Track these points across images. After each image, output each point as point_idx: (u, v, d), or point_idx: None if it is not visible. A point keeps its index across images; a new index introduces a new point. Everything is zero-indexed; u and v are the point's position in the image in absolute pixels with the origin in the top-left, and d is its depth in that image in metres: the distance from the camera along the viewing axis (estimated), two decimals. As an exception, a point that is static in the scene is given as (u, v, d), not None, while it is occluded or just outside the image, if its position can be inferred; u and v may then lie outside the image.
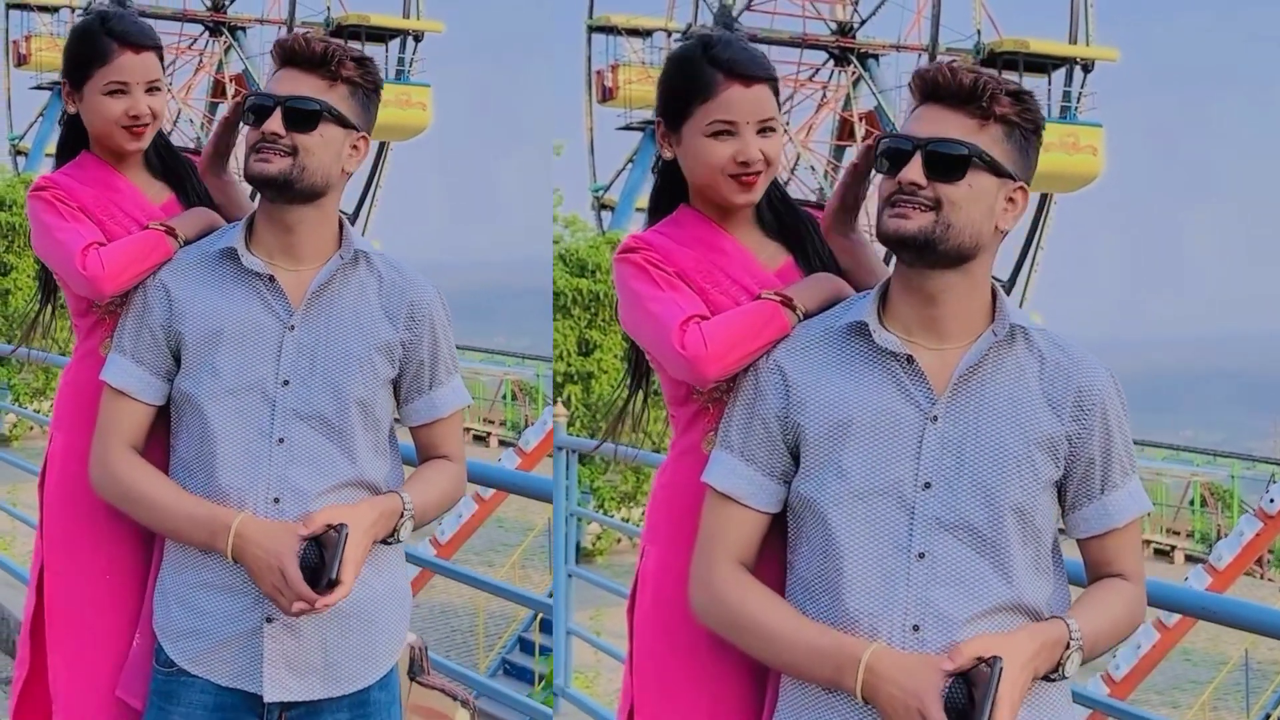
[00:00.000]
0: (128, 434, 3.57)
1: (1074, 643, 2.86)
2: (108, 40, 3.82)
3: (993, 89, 2.90)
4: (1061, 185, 35.11)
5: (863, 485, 2.93)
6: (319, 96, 3.46)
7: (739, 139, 3.24)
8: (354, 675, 3.55)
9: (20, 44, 41.82)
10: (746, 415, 3.08)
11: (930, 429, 2.92)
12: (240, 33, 39.33)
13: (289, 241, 3.54)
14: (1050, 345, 3.01)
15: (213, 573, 3.47)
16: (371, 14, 38.24)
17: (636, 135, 39.02)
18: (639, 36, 39.87)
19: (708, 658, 3.20)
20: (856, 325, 3.00)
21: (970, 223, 2.90)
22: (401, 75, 37.82)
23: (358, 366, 3.51)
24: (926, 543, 2.89)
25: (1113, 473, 3.01)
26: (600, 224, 38.53)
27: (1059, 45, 35.62)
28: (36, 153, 40.27)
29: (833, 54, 37.50)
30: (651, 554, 3.34)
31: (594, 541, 27.09)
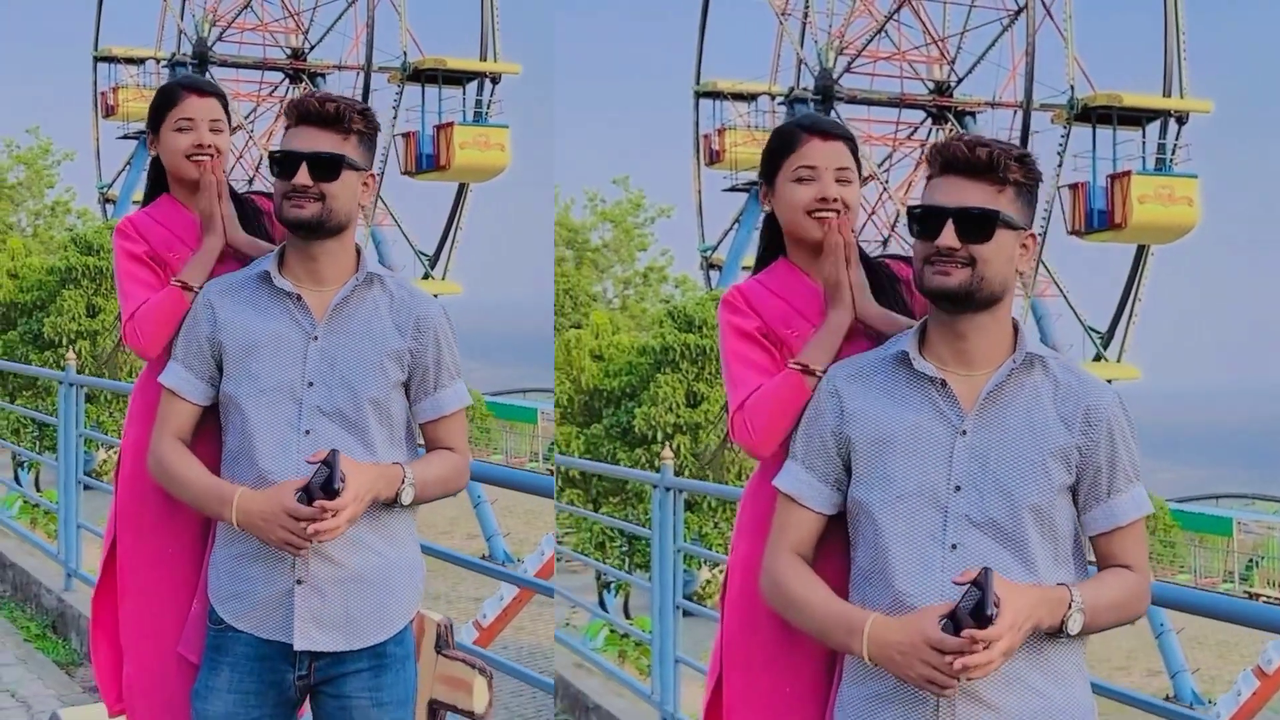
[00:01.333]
0: (175, 427, 4.09)
1: (1074, 604, 3.24)
2: (177, 88, 4.46)
3: (1005, 160, 3.31)
4: (1158, 237, 34.59)
5: (904, 489, 3.34)
6: (336, 150, 3.95)
7: (819, 182, 3.72)
8: (371, 631, 4.02)
9: (108, 95, 42.15)
10: (809, 431, 3.52)
11: (960, 441, 3.34)
12: (319, 79, 39.59)
13: (314, 268, 4.04)
14: (1063, 370, 3.40)
15: (252, 545, 3.96)
16: (448, 57, 38.36)
17: (742, 196, 38.76)
18: (744, 101, 39.78)
19: (787, 634, 3.59)
20: (900, 355, 3.44)
21: (999, 273, 3.33)
22: (480, 117, 37.94)
23: (371, 370, 4.00)
24: (958, 536, 3.30)
25: (1118, 479, 3.37)
26: (709, 282, 38.37)
27: (1153, 98, 35.09)
28: (124, 200, 40.35)
29: (930, 113, 37.14)
30: (739, 548, 3.76)
31: (703, 587, 27.05)
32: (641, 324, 35.20)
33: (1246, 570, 33.70)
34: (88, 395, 11.77)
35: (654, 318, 34.17)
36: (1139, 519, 3.43)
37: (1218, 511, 35.93)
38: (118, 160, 42.34)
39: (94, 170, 42.43)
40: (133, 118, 41.26)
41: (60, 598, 10.30)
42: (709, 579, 27.26)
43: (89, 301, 33.04)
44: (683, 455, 28.45)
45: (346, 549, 3.96)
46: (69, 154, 41.29)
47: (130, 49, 42.34)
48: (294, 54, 40.07)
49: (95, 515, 10.49)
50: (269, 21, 40.48)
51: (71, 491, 10.82)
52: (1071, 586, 3.30)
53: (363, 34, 38.71)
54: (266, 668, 4.03)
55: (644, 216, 38.50)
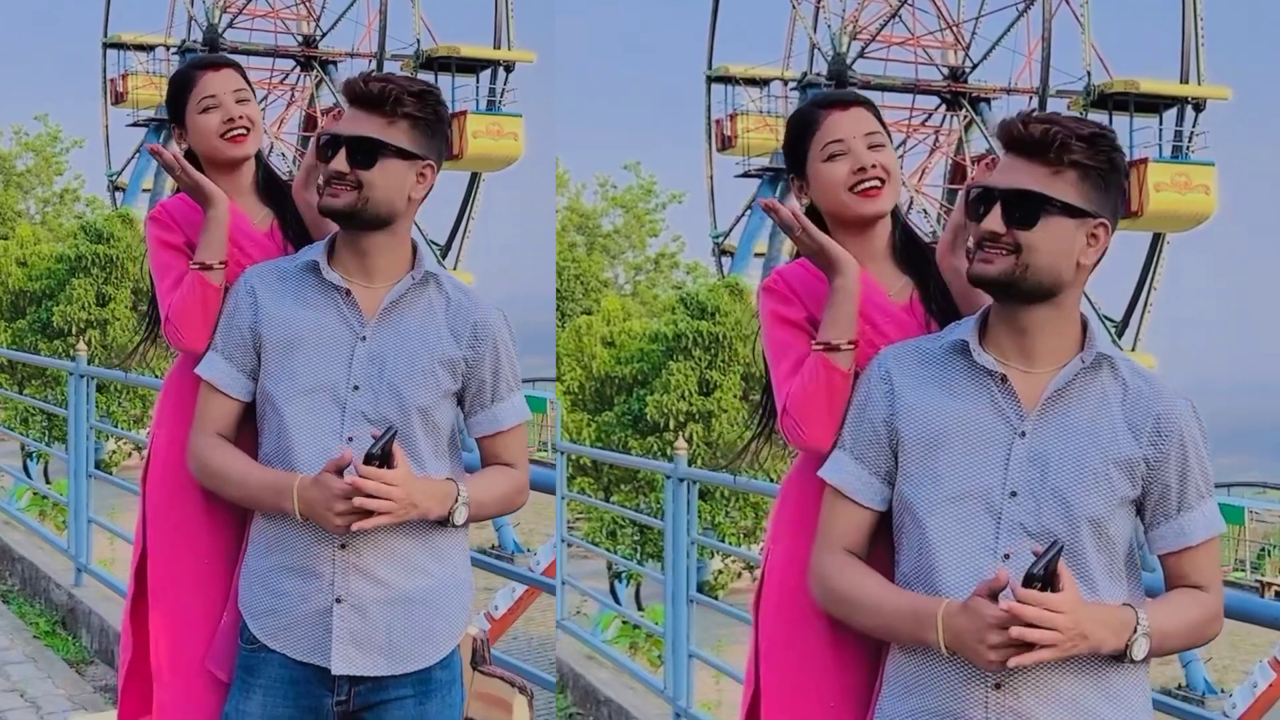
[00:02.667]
0: (216, 424, 3.85)
1: (1140, 628, 3.06)
2: (190, 70, 4.21)
3: (1063, 138, 3.09)
4: (1174, 225, 34.44)
5: (954, 490, 3.17)
6: (377, 135, 3.68)
7: (851, 154, 3.52)
8: (416, 655, 3.78)
9: (117, 82, 41.79)
10: (858, 419, 3.34)
11: (1018, 443, 3.16)
12: (331, 67, 39.16)
13: (363, 262, 3.78)
14: (1134, 375, 3.21)
15: (290, 556, 3.73)
16: (462, 45, 37.93)
17: (754, 182, 38.65)
18: (756, 86, 39.46)
19: (831, 642, 3.45)
20: (959, 344, 3.25)
21: (1049, 264, 3.12)
22: (493, 106, 37.54)
23: (421, 377, 3.75)
24: (1011, 545, 3.12)
25: (1188, 495, 3.19)
26: (720, 269, 38.25)
27: (1170, 85, 35.01)
28: (134, 187, 40.29)
29: (945, 99, 36.91)
30: (776, 551, 3.59)
31: (715, 577, 26.98)
32: (653, 310, 35.18)
33: (1258, 559, 33.70)
34: (98, 385, 11.66)
35: (665, 304, 34.15)
36: (1211, 538, 3.25)
37: (1230, 500, 35.77)
38: (127, 148, 42.11)
39: (103, 157, 42.26)
40: (142, 105, 41.22)
41: (70, 593, 10.18)
42: (720, 568, 27.25)
43: (99, 290, 32.83)
44: (695, 443, 28.30)
45: (391, 566, 3.75)
46: (78, 141, 41.33)
47: (140, 35, 42.22)
48: (306, 41, 39.81)
49: (105, 507, 10.66)
50: (280, 8, 40.41)
51: (82, 485, 10.75)
52: (1138, 608, 3.12)
53: (375, 21, 38.61)
54: (302, 692, 3.80)
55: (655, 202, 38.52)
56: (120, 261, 33.01)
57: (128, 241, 33.27)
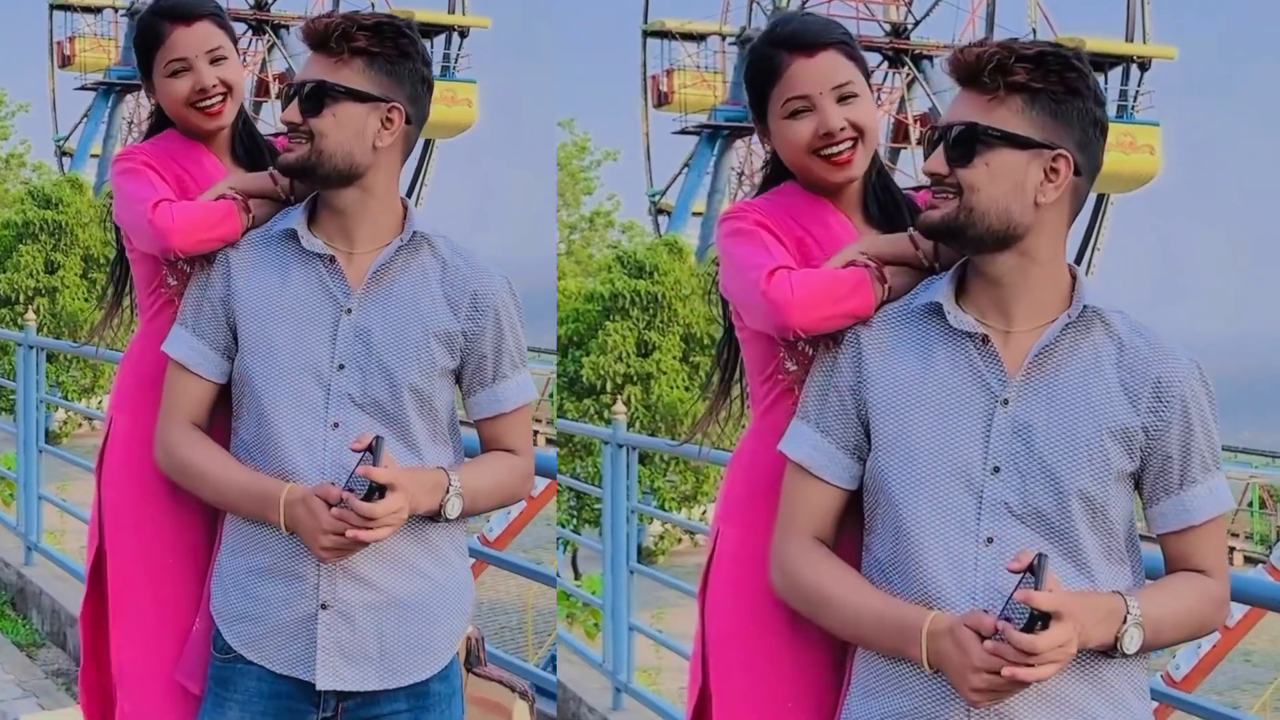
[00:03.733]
0: (188, 410, 3.51)
1: (1131, 617, 2.76)
2: (159, 21, 3.76)
3: (999, 59, 2.79)
4: (1118, 185, 34.74)
5: (930, 467, 2.87)
6: (325, 76, 3.36)
7: (817, 112, 3.14)
8: (411, 667, 3.46)
9: (64, 45, 41.77)
10: (823, 387, 3.02)
11: (1000, 412, 2.84)
12: (284, 31, 39.06)
13: (342, 224, 3.45)
14: (1130, 332, 2.90)
15: (269, 557, 3.40)
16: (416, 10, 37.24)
17: (692, 140, 38.89)
18: (693, 41, 39.74)
19: (790, 636, 3.14)
20: (932, 305, 2.93)
21: (994, 202, 2.82)
22: (447, 71, 37.38)
23: (414, 353, 3.41)
24: (995, 528, 2.82)
25: (1192, 468, 2.89)
26: (657, 228, 38.40)
27: (1115, 43, 35.32)
28: (82, 152, 40.49)
29: (887, 56, 37.24)
30: (727, 534, 3.27)
31: (655, 542, 26.98)
32: (588, 270, 35.25)
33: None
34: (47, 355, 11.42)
35: (601, 263, 34.20)
36: (1217, 516, 2.91)
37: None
38: (75, 112, 42.15)
39: (50, 122, 42.26)
40: (90, 68, 41.37)
41: (20, 572, 9.88)
42: (661, 533, 27.21)
43: (48, 257, 32.55)
44: (634, 406, 28.34)
45: (382, 567, 3.38)
46: (24, 105, 41.76)
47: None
48: (257, 4, 39.90)
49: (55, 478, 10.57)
50: (234, -30, 40.18)
51: (32, 460, 10.46)
52: (1128, 596, 2.79)
53: None
54: (283, 708, 3.43)
55: (590, 160, 38.61)
56: (69, 228, 32.82)
57: (77, 207, 33.17)
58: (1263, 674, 23.99)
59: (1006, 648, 2.62)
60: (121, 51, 40.39)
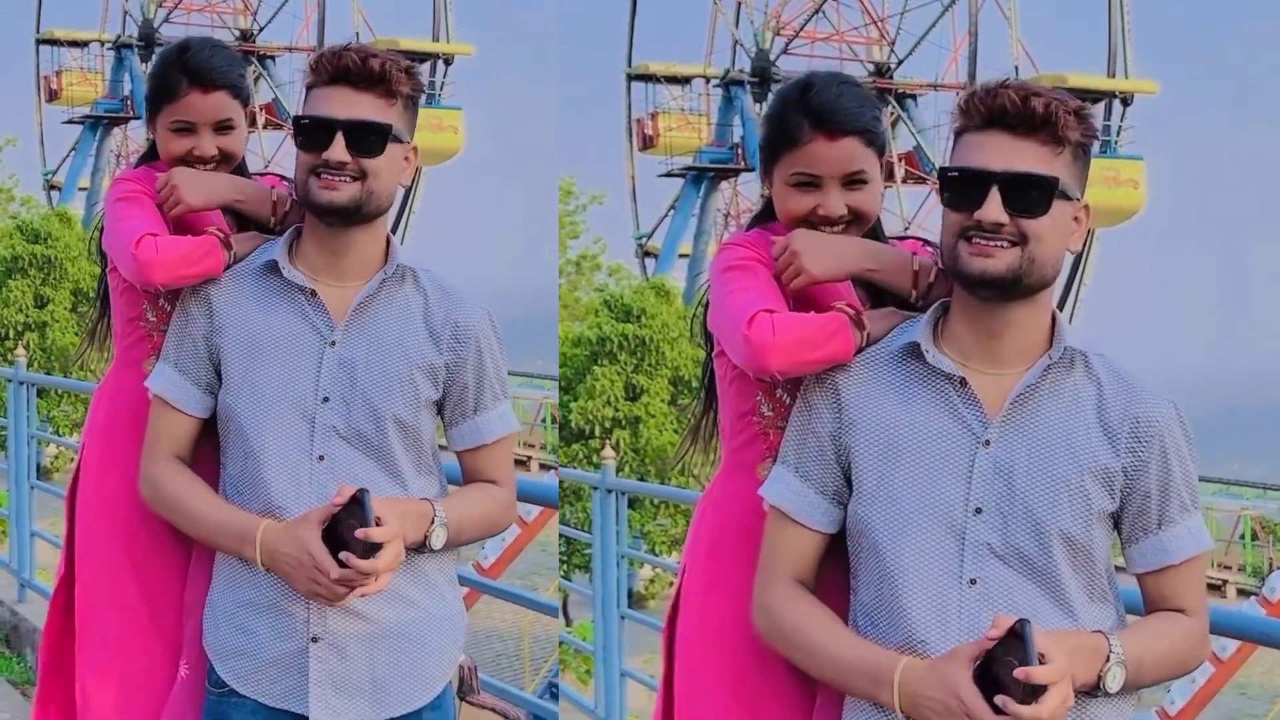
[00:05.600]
0: (171, 445, 3.51)
1: (1114, 656, 2.78)
2: (179, 75, 3.69)
3: (1063, 114, 2.81)
4: (1103, 220, 34.56)
5: (913, 509, 2.88)
6: (381, 118, 3.35)
7: (822, 192, 3.16)
8: (404, 697, 3.48)
9: (51, 79, 41.99)
10: (802, 432, 3.03)
11: (982, 453, 2.86)
12: (269, 61, 39.40)
13: (336, 261, 3.45)
14: (1110, 373, 2.92)
15: (259, 591, 3.41)
16: (401, 38, 37.91)
17: (678, 182, 39.06)
18: (677, 84, 39.87)
19: (752, 674, 3.17)
20: (910, 347, 2.94)
21: (1054, 253, 2.85)
22: (432, 99, 37.51)
23: (398, 385, 3.42)
24: (978, 569, 2.84)
25: (1170, 508, 2.91)
26: (644, 271, 38.50)
27: (1098, 79, 35.45)
28: (70, 187, 40.63)
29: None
30: (693, 570, 3.29)
31: (646, 586, 26.98)
32: (574, 314, 35.23)
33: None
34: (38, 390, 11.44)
35: (588, 307, 34.23)
36: (1196, 556, 2.94)
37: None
38: (62, 146, 42.27)
39: (38, 156, 42.31)
40: (77, 102, 41.62)
41: (13, 610, 9.83)
42: (652, 577, 27.19)
43: (37, 292, 32.57)
44: (623, 450, 28.37)
45: (373, 599, 3.36)
46: (11, 140, 41.67)
47: (73, 31, 42.59)
48: (243, 35, 40.18)
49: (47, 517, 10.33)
50: (217, 2, 40.36)
51: (24, 496, 10.45)
52: (1110, 635, 2.82)
53: (314, 15, 39.17)
54: None
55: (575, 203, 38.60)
56: (59, 262, 32.84)
57: (66, 241, 33.20)
58: (1258, 706, 24.02)
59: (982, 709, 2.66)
60: (108, 85, 40.77)
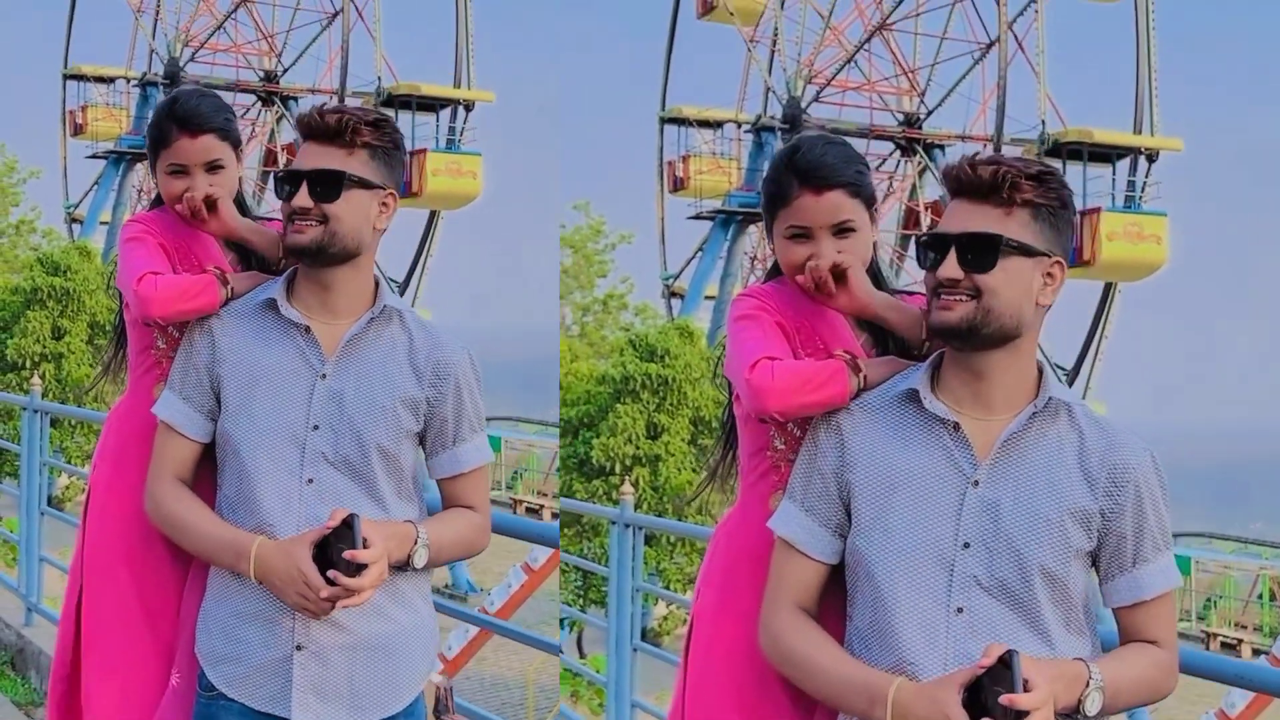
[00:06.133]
0: (174, 467, 3.78)
1: (1093, 682, 2.99)
2: (169, 124, 4.04)
3: (1012, 177, 3.06)
4: (1126, 274, 34.94)
5: (906, 543, 3.10)
6: (338, 166, 3.64)
7: (814, 242, 3.42)
8: (379, 704, 3.71)
9: (76, 114, 42.12)
10: (808, 469, 3.26)
11: (971, 492, 3.08)
12: (292, 102, 39.56)
13: (325, 298, 3.73)
14: (1090, 423, 3.15)
15: (249, 602, 3.65)
16: (422, 83, 38.47)
17: (706, 224, 38.99)
18: (709, 128, 39.85)
19: (754, 689, 3.40)
20: (909, 393, 3.18)
21: (1009, 305, 3.07)
22: (452, 144, 37.97)
23: (382, 416, 3.69)
24: (964, 599, 3.06)
25: (1144, 548, 3.13)
26: (670, 311, 38.46)
27: (1123, 135, 35.53)
28: (91, 220, 40.72)
29: (899, 145, 37.42)
30: (707, 596, 3.53)
31: (660, 623, 26.98)
32: (600, 351, 35.31)
33: (1204, 609, 33.94)
34: (51, 420, 11.46)
35: (613, 345, 34.26)
36: (1167, 592, 3.18)
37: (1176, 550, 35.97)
38: (85, 180, 42.53)
39: (61, 189, 42.62)
40: (101, 137, 41.67)
41: (20, 633, 9.96)
42: (665, 614, 27.20)
43: (54, 323, 32.82)
44: (642, 488, 28.41)
45: (352, 612, 3.61)
46: (35, 172, 41.79)
47: (100, 68, 42.61)
48: (267, 76, 40.36)
49: (58, 546, 10.28)
50: (242, 43, 40.63)
51: (34, 523, 10.55)
52: (1090, 662, 3.04)
53: (337, 58, 39.14)
54: None
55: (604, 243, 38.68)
56: (77, 294, 32.99)
57: (85, 274, 33.32)
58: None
59: None
60: (133, 121, 40.77)
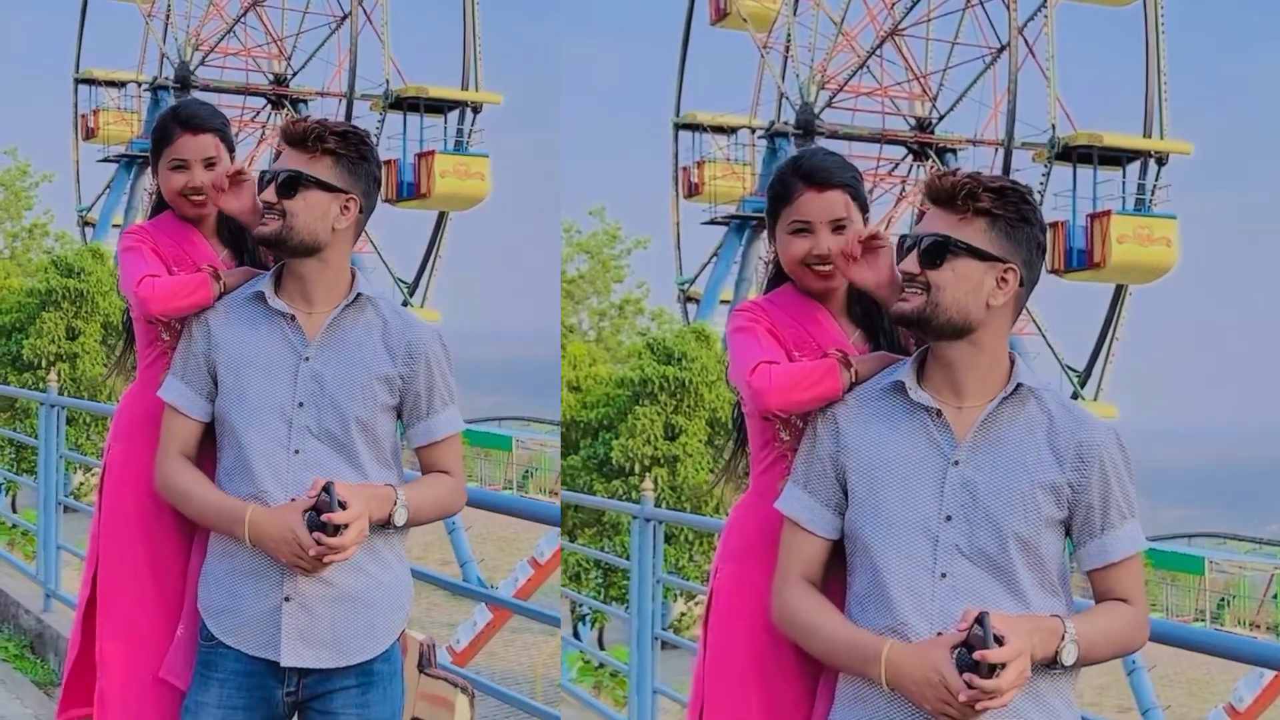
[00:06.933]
0: (179, 444, 4.16)
1: (1068, 635, 3.27)
2: (172, 124, 4.48)
3: (969, 188, 3.36)
4: (1137, 277, 34.96)
5: (896, 517, 3.41)
6: (299, 168, 4.01)
7: (813, 236, 3.75)
8: (358, 649, 4.07)
9: (89, 118, 42.34)
10: (808, 455, 3.58)
11: (952, 471, 3.39)
12: (302, 105, 39.93)
13: (303, 288, 4.10)
14: (1058, 406, 3.45)
15: (244, 561, 4.03)
16: (430, 85, 38.66)
17: (721, 229, 39.16)
18: (723, 134, 40.02)
19: (768, 653, 3.70)
20: (897, 384, 3.49)
21: (955, 301, 3.37)
22: (460, 146, 38.16)
23: (360, 392, 4.05)
24: (947, 565, 3.35)
25: (1111, 515, 3.40)
26: (686, 315, 38.42)
27: (1133, 138, 35.56)
28: (104, 223, 40.87)
29: (911, 149, 37.55)
30: (724, 571, 3.83)
31: (677, 620, 27.01)
32: (616, 356, 35.23)
33: (1218, 609, 33.86)
34: (67, 417, 11.80)
35: (629, 350, 34.21)
36: (1133, 554, 3.46)
37: (1190, 550, 36.03)
38: (97, 183, 42.67)
39: (73, 193, 42.68)
40: (113, 141, 41.75)
41: (39, 618, 10.32)
42: (684, 612, 27.25)
43: (69, 324, 33.12)
44: (660, 488, 28.50)
45: (336, 568, 4.00)
46: (48, 176, 41.47)
47: (111, 72, 42.56)
48: (277, 80, 40.43)
49: (74, 537, 10.51)
50: (252, 47, 40.72)
51: (51, 513, 10.86)
52: (1065, 618, 3.34)
53: (345, 61, 39.08)
54: (255, 684, 4.08)
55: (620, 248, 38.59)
56: (90, 296, 33.24)
57: (98, 276, 33.52)
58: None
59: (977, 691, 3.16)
60: (144, 125, 40.77)
